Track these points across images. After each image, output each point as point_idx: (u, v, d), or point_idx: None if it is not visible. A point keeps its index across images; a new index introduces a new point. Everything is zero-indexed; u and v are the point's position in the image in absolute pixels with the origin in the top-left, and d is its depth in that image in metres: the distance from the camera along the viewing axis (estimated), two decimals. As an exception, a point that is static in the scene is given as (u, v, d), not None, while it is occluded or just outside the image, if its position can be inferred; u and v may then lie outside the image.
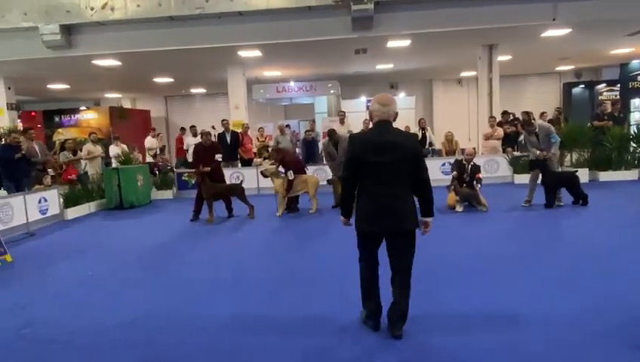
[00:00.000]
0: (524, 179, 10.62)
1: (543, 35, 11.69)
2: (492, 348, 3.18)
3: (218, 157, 8.58)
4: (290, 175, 8.46)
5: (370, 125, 3.45)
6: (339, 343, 3.38)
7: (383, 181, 3.24)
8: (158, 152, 13.99)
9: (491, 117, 12.35)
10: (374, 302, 3.49)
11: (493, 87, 13.11)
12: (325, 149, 9.15)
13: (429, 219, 3.38)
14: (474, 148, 8.85)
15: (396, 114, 3.35)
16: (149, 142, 13.90)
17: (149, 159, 13.72)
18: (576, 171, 8.39)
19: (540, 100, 18.99)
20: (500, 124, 12.27)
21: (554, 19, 10.38)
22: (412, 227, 3.29)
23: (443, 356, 3.14)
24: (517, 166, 11.26)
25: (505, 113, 13.10)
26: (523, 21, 10.48)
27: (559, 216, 7.51)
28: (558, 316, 3.64)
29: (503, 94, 14.18)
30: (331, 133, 8.99)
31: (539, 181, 8.13)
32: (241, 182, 8.89)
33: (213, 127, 12.11)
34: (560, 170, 8.51)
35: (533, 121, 8.20)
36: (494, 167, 11.59)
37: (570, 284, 4.33)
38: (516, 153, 11.74)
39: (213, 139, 9.42)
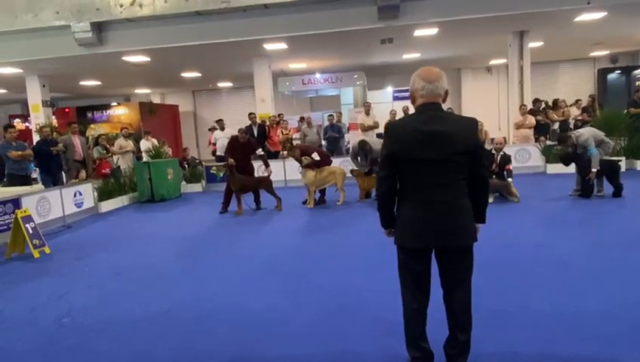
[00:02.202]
0: (556, 168, 10.36)
1: (576, 19, 11.29)
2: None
3: (259, 152, 8.74)
4: (316, 156, 8.55)
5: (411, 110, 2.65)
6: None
7: (433, 183, 2.49)
8: None
9: (522, 105, 12.05)
10: (421, 350, 2.70)
11: (525, 74, 12.77)
12: (353, 152, 9.10)
13: (478, 226, 2.66)
14: (504, 138, 8.66)
15: (446, 92, 2.56)
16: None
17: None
18: (619, 160, 8.04)
19: (574, 87, 18.45)
20: (531, 112, 11.97)
21: (588, 3, 10.01)
22: (472, 241, 2.59)
23: None
24: (549, 155, 10.96)
25: (536, 101, 12.76)
26: (555, 5, 10.13)
27: (595, 207, 7.28)
28: (590, 310, 3.55)
29: (535, 82, 13.84)
30: (362, 145, 8.87)
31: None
32: (269, 174, 8.95)
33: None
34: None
35: (568, 136, 7.87)
36: (526, 157, 11.31)
37: (602, 278, 4.21)
38: (549, 142, 11.43)
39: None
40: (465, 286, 2.64)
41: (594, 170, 7.40)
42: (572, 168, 8.10)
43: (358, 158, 8.85)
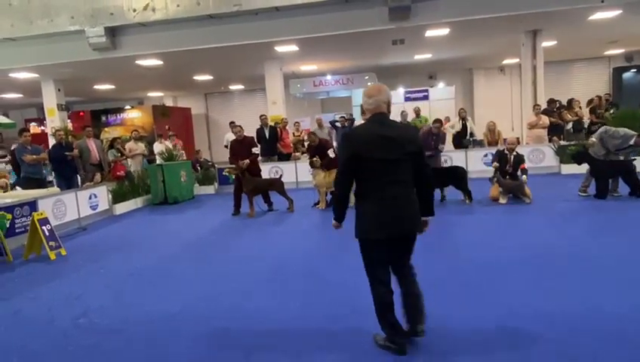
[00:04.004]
0: (571, 169, 10.25)
1: (590, 18, 11.16)
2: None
3: (255, 150, 8.69)
4: (331, 153, 8.61)
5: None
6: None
7: (390, 181, 2.89)
8: None
9: (536, 105, 11.94)
10: (395, 326, 3.08)
11: (538, 74, 12.65)
12: None
13: (429, 218, 3.08)
14: (517, 138, 8.58)
15: (389, 104, 3.02)
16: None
17: None
18: (634, 159, 7.92)
19: (588, 87, 18.20)
20: (545, 113, 11.85)
21: (602, 1, 9.88)
22: (421, 229, 3.05)
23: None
24: (563, 155, 10.83)
25: (551, 101, 12.62)
26: (568, 4, 10.02)
27: (610, 208, 7.17)
28: (606, 312, 3.51)
29: (548, 82, 13.70)
30: None
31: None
32: (281, 176, 8.98)
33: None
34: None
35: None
36: (539, 157, 11.20)
37: (618, 279, 4.16)
38: (563, 142, 11.31)
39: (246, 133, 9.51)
40: (410, 261, 3.14)
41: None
42: (584, 168, 8.03)
43: None
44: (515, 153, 8.04)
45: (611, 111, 11.93)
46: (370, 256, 3.05)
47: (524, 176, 7.86)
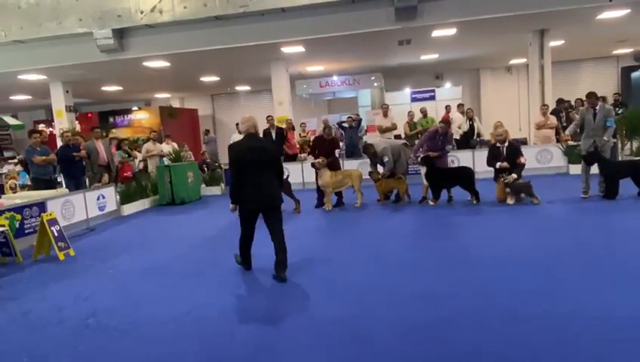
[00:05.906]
0: (579, 169, 10.13)
1: (598, 17, 11.08)
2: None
3: None
4: (337, 153, 8.74)
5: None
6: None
7: (260, 173, 4.69)
8: None
9: (544, 105, 11.87)
10: (248, 258, 5.15)
11: (545, 74, 12.57)
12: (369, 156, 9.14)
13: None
14: (505, 130, 8.38)
15: (255, 126, 4.86)
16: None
17: None
18: None
19: (596, 86, 17.94)
20: (555, 113, 11.77)
21: (610, 0, 9.81)
22: (280, 202, 4.91)
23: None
24: (572, 155, 10.76)
25: (561, 101, 12.52)
26: (576, 3, 9.95)
27: (619, 209, 7.11)
28: (615, 314, 3.48)
29: (556, 81, 13.61)
30: (366, 151, 8.99)
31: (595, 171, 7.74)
32: (287, 177, 8.98)
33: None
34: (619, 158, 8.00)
35: (598, 98, 7.83)
36: (547, 157, 11.14)
37: (626, 281, 4.12)
38: (571, 142, 11.23)
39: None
40: (280, 226, 4.85)
41: (606, 138, 7.63)
42: (593, 169, 7.97)
43: (385, 159, 8.73)
44: (506, 144, 7.97)
45: (620, 111, 11.83)
46: (245, 217, 4.91)
47: (512, 175, 7.74)
